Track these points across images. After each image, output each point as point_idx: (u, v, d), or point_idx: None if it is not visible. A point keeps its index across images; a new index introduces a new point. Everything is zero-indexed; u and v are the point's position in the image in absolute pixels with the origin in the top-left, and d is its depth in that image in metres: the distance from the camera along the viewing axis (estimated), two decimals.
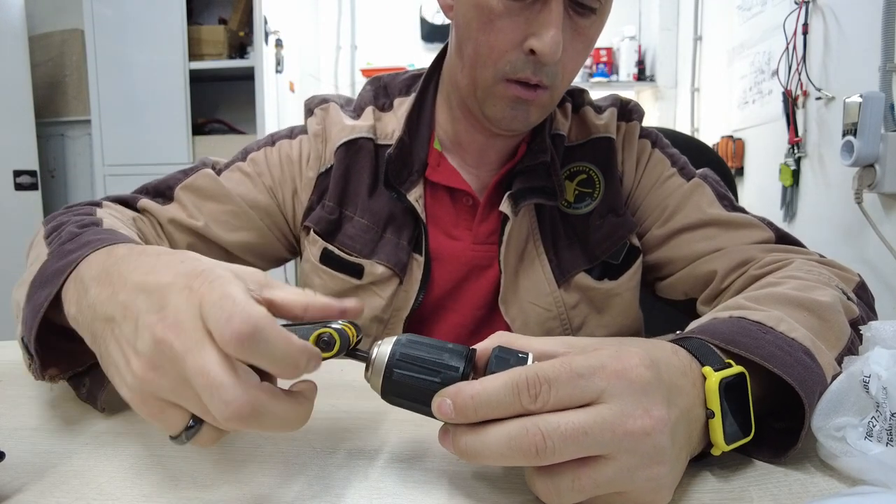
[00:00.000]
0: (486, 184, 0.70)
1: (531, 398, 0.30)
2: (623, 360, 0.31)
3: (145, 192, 0.68)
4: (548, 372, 0.30)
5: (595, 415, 0.30)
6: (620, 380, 0.30)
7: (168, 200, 0.68)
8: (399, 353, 0.34)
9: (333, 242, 0.69)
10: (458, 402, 0.31)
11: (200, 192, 0.67)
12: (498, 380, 0.31)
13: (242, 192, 0.69)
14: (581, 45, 0.59)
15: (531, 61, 0.57)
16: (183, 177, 0.68)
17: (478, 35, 0.58)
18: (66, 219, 0.53)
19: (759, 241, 0.64)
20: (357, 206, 0.69)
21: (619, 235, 0.69)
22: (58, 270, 0.40)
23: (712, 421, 0.35)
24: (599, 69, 3.08)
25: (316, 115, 0.72)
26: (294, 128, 0.74)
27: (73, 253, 0.41)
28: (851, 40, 1.60)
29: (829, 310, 0.47)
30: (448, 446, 0.33)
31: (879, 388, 0.35)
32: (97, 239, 0.43)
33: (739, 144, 2.26)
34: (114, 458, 0.39)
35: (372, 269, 0.67)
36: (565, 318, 0.69)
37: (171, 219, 0.66)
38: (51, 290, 0.39)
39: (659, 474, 0.31)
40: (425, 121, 0.70)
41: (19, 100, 2.30)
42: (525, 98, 0.59)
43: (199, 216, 0.67)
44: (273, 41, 2.47)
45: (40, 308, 0.39)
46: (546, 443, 0.29)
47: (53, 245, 0.47)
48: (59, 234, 0.48)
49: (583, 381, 0.30)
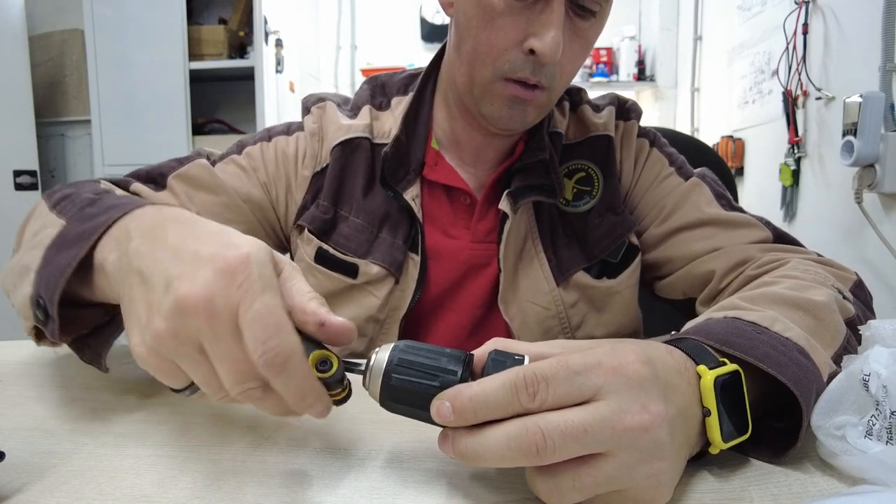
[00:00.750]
0: (483, 182, 0.70)
1: (529, 397, 0.30)
2: (619, 357, 0.31)
3: (137, 176, 0.67)
4: (545, 370, 0.31)
5: (594, 412, 0.30)
6: (617, 376, 0.31)
7: (160, 188, 0.66)
8: (397, 358, 0.34)
9: (328, 242, 0.68)
10: (456, 404, 0.31)
11: (193, 182, 0.66)
12: (496, 380, 0.31)
13: (236, 185, 0.68)
14: (579, 47, 0.59)
15: (530, 61, 0.57)
16: (177, 165, 0.67)
17: (478, 32, 0.58)
18: (72, 190, 0.52)
19: (756, 241, 0.64)
20: (352, 205, 0.69)
21: (618, 234, 0.69)
22: (85, 232, 0.41)
23: (709, 419, 0.35)
24: (599, 69, 3.08)
25: (313, 113, 0.72)
26: (291, 124, 0.74)
27: (99, 216, 0.41)
28: (851, 40, 1.60)
29: (824, 309, 0.47)
30: (448, 451, 0.33)
31: (879, 386, 0.35)
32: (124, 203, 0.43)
33: (739, 144, 2.26)
34: (114, 458, 0.39)
35: (367, 268, 0.67)
36: (564, 316, 0.69)
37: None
38: (78, 251, 0.39)
39: (659, 470, 0.31)
40: (423, 120, 0.70)
41: (19, 100, 2.30)
42: (523, 98, 0.59)
43: (191, 206, 0.65)
44: (273, 41, 2.47)
45: (67, 268, 0.39)
46: (546, 442, 0.29)
47: (70, 212, 0.46)
48: (72, 201, 0.48)
49: (580, 378, 0.30)
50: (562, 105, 0.73)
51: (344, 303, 0.69)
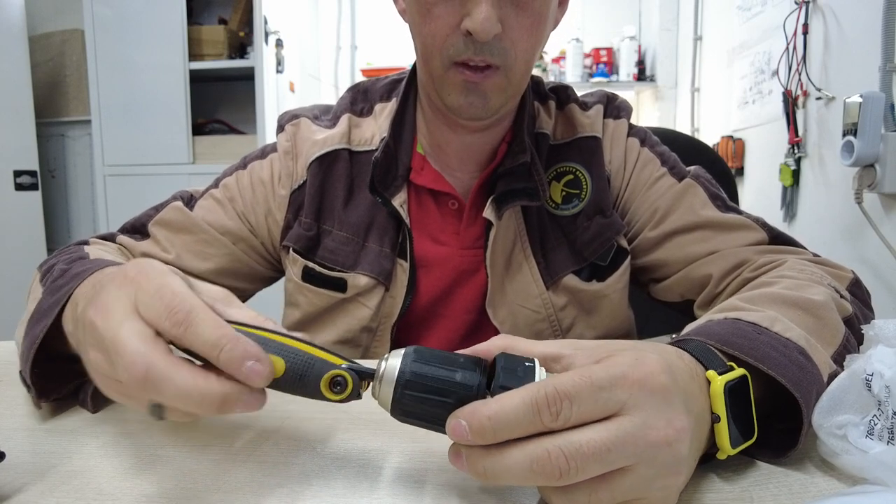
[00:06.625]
0: (469, 187, 0.69)
1: (552, 416, 0.29)
2: (643, 368, 0.30)
3: (124, 230, 0.70)
4: (567, 387, 0.29)
5: (617, 429, 0.29)
6: (642, 390, 0.30)
7: (144, 237, 0.69)
8: (409, 371, 0.32)
9: (314, 259, 0.68)
10: (474, 423, 0.29)
11: (171, 226, 0.68)
12: (515, 398, 0.29)
13: (211, 220, 0.69)
14: (528, 19, 0.57)
15: (471, 42, 0.56)
16: (154, 213, 0.69)
17: (421, 27, 0.59)
18: (55, 261, 0.56)
19: (753, 243, 0.64)
20: (335, 218, 0.68)
21: (607, 237, 0.68)
22: (53, 303, 0.44)
23: (718, 425, 0.34)
24: (599, 69, 3.08)
25: (286, 131, 0.72)
26: (265, 147, 0.74)
27: (64, 287, 0.45)
28: (851, 40, 1.60)
29: (822, 308, 0.47)
30: (462, 468, 0.31)
31: (882, 386, 0.35)
32: (85, 270, 0.46)
33: (739, 144, 2.26)
34: (114, 458, 0.39)
35: (355, 281, 0.67)
36: (554, 319, 0.68)
37: (144, 254, 0.67)
38: (47, 321, 0.42)
39: (675, 483, 0.31)
40: (408, 125, 0.70)
41: (19, 100, 2.30)
42: (474, 80, 0.58)
43: (171, 249, 0.67)
44: (273, 41, 2.47)
45: (36, 339, 0.42)
46: (570, 464, 0.28)
47: (46, 284, 0.50)
48: (51, 273, 0.52)
49: (604, 393, 0.29)
50: (548, 104, 0.72)
51: (336, 316, 0.69)
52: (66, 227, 2.72)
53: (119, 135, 2.42)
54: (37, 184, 2.36)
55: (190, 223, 0.68)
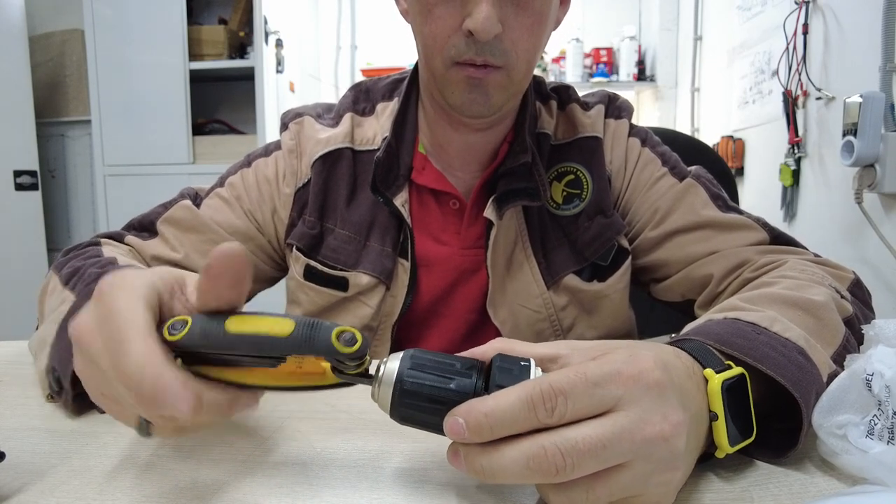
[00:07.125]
0: (471, 187, 0.69)
1: (547, 412, 0.29)
2: (637, 364, 0.31)
3: (131, 227, 0.69)
4: (562, 383, 0.29)
5: (612, 425, 0.29)
6: (637, 385, 0.30)
7: (152, 235, 0.68)
8: (407, 373, 0.32)
9: (317, 257, 0.68)
10: (470, 420, 0.30)
11: (180, 225, 0.68)
12: (511, 395, 0.30)
13: (220, 220, 0.69)
14: (529, 19, 0.57)
15: (472, 42, 0.56)
16: (163, 210, 0.69)
17: (422, 27, 0.59)
18: (80, 263, 0.55)
19: (754, 243, 0.64)
20: (337, 217, 0.69)
21: (608, 237, 0.68)
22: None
23: (716, 424, 0.35)
24: (599, 69, 3.08)
25: (290, 129, 0.72)
26: (269, 145, 0.74)
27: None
28: (851, 40, 1.60)
29: (822, 308, 0.47)
30: (460, 467, 0.31)
31: (882, 386, 0.35)
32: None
33: (739, 144, 2.26)
34: (114, 458, 0.39)
35: (357, 280, 0.67)
36: (555, 319, 0.68)
37: (154, 255, 0.67)
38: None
39: (672, 479, 0.31)
40: (410, 124, 0.70)
41: (19, 100, 2.30)
42: (477, 77, 0.58)
43: (180, 248, 0.67)
44: (273, 41, 2.47)
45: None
46: (566, 461, 0.28)
47: (79, 287, 0.50)
48: (81, 277, 0.52)
49: (599, 389, 0.29)
50: (549, 104, 0.72)
51: (337, 315, 0.69)
52: (66, 227, 2.72)
53: (119, 135, 2.42)
54: (37, 184, 2.36)
55: (198, 222, 0.68)
